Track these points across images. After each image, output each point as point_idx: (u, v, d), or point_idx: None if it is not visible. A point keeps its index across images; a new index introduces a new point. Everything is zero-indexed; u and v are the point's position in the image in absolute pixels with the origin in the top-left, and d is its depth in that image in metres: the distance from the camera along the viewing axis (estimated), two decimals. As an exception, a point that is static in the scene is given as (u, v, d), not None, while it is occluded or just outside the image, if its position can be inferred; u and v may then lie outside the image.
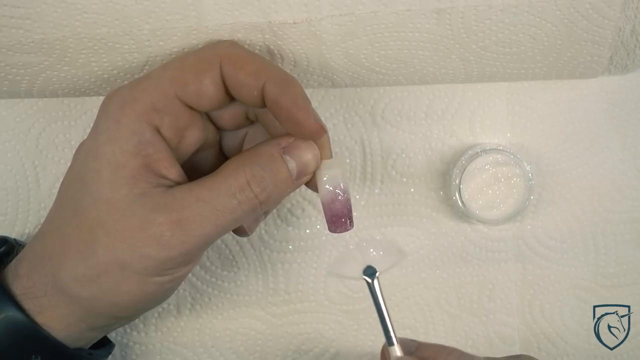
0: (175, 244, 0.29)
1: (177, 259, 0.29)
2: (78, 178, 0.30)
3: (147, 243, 0.28)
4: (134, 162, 0.29)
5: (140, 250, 0.28)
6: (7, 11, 0.31)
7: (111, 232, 0.29)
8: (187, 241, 0.29)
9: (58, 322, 0.30)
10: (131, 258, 0.29)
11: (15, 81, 0.36)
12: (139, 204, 0.29)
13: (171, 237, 0.28)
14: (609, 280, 0.43)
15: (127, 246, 0.28)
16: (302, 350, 0.43)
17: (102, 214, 0.29)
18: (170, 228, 0.28)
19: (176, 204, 0.29)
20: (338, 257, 0.31)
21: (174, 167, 0.30)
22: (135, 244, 0.28)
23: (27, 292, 0.30)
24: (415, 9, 0.32)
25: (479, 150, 0.40)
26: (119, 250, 0.29)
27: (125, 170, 0.29)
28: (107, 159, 0.29)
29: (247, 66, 0.30)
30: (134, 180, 0.29)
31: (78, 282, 0.29)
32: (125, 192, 0.29)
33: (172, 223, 0.28)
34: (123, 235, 0.28)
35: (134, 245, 0.28)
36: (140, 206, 0.29)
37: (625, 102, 0.42)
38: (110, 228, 0.29)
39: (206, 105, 0.31)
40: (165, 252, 0.29)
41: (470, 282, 0.43)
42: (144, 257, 0.29)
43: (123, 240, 0.28)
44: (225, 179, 0.29)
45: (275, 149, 0.30)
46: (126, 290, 0.29)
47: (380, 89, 0.42)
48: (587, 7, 0.33)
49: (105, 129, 0.30)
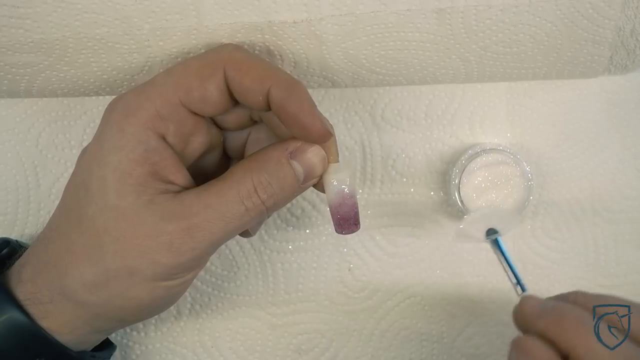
0: (185, 250, 0.29)
1: (186, 264, 0.29)
2: (82, 186, 0.30)
3: (157, 250, 0.28)
4: (140, 170, 0.29)
5: (151, 257, 0.28)
6: (7, 11, 0.31)
7: (119, 239, 0.29)
8: (197, 247, 0.29)
9: (63, 326, 0.30)
10: (141, 265, 0.29)
11: (14, 81, 0.36)
12: (147, 211, 0.29)
13: (181, 244, 0.29)
14: (609, 280, 0.43)
15: (137, 253, 0.29)
16: (302, 350, 0.43)
17: (109, 222, 0.29)
18: (180, 235, 0.29)
19: (185, 211, 0.29)
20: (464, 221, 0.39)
21: (180, 173, 0.30)
22: (146, 251, 0.28)
23: (31, 298, 0.30)
24: (415, 9, 0.32)
25: (479, 150, 0.40)
26: (128, 257, 0.29)
27: (131, 178, 0.29)
28: (113, 167, 0.29)
29: (251, 71, 0.29)
30: (141, 188, 0.29)
31: (86, 289, 0.29)
32: (133, 200, 0.29)
33: (181, 230, 0.29)
34: (132, 242, 0.28)
35: (143, 253, 0.28)
36: (149, 213, 0.29)
37: (625, 102, 0.42)
38: (118, 235, 0.29)
39: (211, 110, 0.31)
40: (175, 258, 0.29)
41: (470, 282, 0.43)
42: (154, 263, 0.29)
43: (132, 247, 0.28)
44: (233, 186, 0.29)
45: (282, 154, 0.30)
46: (135, 296, 0.29)
47: (380, 89, 0.42)
48: (587, 6, 0.33)
49: (110, 138, 0.29)
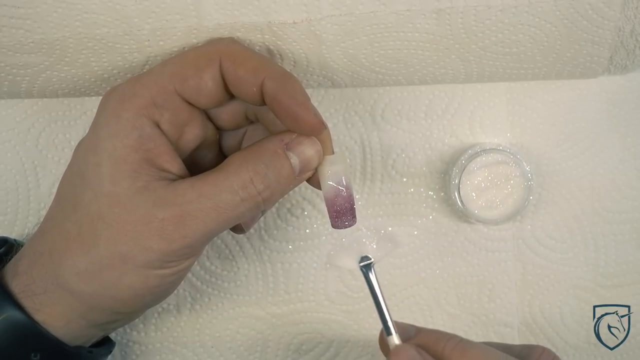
0: (177, 237, 0.29)
1: (179, 252, 0.29)
2: (78, 173, 0.30)
3: (149, 236, 0.28)
4: (135, 156, 0.29)
5: (143, 243, 0.29)
6: (7, 11, 0.31)
7: (113, 225, 0.29)
8: (188, 236, 0.29)
9: (57, 319, 0.30)
10: (133, 251, 0.29)
11: (15, 81, 0.36)
12: (140, 197, 0.29)
13: (173, 231, 0.29)
14: (609, 280, 0.43)
15: (129, 239, 0.29)
16: (302, 350, 0.43)
17: (103, 208, 0.29)
18: (172, 223, 0.29)
19: (178, 199, 0.29)
20: (334, 247, 0.31)
21: (175, 161, 0.30)
22: (138, 236, 0.28)
23: (26, 290, 0.30)
24: (415, 9, 0.32)
25: (479, 150, 0.40)
26: (121, 243, 0.29)
27: (126, 164, 0.29)
28: (108, 153, 0.29)
29: (246, 63, 0.30)
30: (135, 174, 0.29)
31: (80, 277, 0.29)
32: (127, 186, 0.29)
33: (173, 218, 0.29)
34: (125, 228, 0.29)
35: (136, 238, 0.29)
36: (142, 199, 0.29)
37: (625, 102, 0.42)
38: (111, 221, 0.29)
39: (205, 101, 0.31)
40: (166, 244, 0.29)
41: (470, 282, 0.43)
42: (146, 249, 0.29)
43: (125, 233, 0.29)
44: (228, 176, 0.29)
45: (279, 145, 0.30)
46: (128, 284, 0.29)
47: (380, 89, 0.42)
48: (586, 7, 0.33)
49: (105, 124, 0.30)
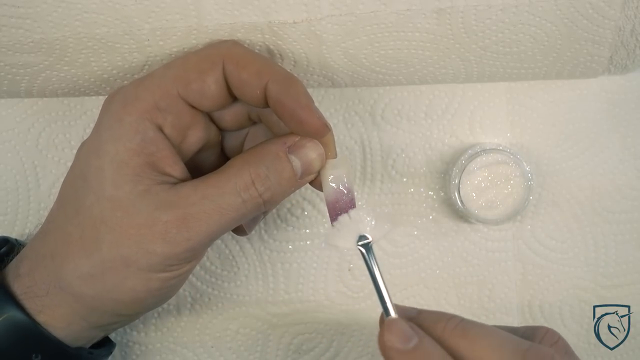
0: (180, 240, 0.29)
1: (182, 255, 0.29)
2: (80, 176, 0.30)
3: (152, 240, 0.28)
4: (137, 159, 0.29)
5: (146, 246, 0.29)
6: (7, 11, 0.31)
7: (115, 228, 0.29)
8: (192, 238, 0.29)
9: (59, 320, 0.30)
10: (136, 255, 0.29)
11: (15, 81, 0.36)
12: (143, 201, 0.29)
13: (176, 234, 0.29)
14: (609, 280, 0.43)
15: (132, 243, 0.29)
16: (302, 350, 0.43)
17: (106, 211, 0.29)
18: (176, 225, 0.29)
19: (181, 202, 0.29)
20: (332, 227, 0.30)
21: (177, 165, 0.30)
22: (141, 240, 0.28)
23: (28, 292, 0.30)
24: (415, 9, 0.32)
25: (479, 150, 0.40)
26: (123, 246, 0.29)
27: (128, 168, 0.29)
28: (110, 157, 0.29)
29: (249, 65, 0.30)
30: (137, 178, 0.29)
31: (82, 280, 0.29)
32: (129, 189, 0.29)
33: (177, 220, 0.29)
34: (128, 232, 0.29)
35: (139, 242, 0.29)
36: (145, 203, 0.29)
37: (625, 102, 0.42)
38: (114, 225, 0.29)
39: (208, 104, 0.31)
40: (170, 248, 0.29)
41: (470, 282, 0.43)
42: (149, 253, 0.29)
43: (128, 237, 0.29)
44: (230, 178, 0.30)
45: (281, 148, 0.30)
46: (130, 287, 0.29)
47: (380, 89, 0.42)
48: (587, 6, 0.33)
49: (108, 127, 0.30)
